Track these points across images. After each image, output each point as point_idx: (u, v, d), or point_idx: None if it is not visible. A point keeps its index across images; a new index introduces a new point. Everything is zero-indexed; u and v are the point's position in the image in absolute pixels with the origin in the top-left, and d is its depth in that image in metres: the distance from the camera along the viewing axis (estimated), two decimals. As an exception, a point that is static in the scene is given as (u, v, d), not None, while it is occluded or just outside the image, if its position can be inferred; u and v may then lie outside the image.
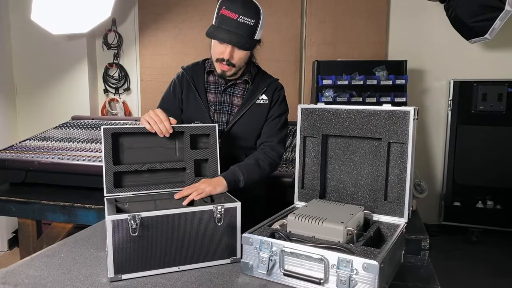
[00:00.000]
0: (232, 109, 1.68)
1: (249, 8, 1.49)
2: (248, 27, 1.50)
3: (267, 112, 1.68)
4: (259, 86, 1.69)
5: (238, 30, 1.49)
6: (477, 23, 3.36)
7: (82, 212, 2.20)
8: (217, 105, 1.68)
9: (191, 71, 1.73)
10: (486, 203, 3.89)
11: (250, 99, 1.67)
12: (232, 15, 1.48)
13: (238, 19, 1.48)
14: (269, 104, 1.68)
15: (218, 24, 1.52)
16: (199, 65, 1.76)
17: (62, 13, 3.54)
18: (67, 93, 4.27)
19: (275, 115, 1.69)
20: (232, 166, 1.54)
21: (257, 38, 1.56)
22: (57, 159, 2.46)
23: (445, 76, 4.01)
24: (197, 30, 4.24)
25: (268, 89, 1.70)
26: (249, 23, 1.49)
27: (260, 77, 1.73)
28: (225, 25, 1.49)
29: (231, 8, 1.48)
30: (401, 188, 1.34)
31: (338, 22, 4.07)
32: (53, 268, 1.23)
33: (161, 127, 1.41)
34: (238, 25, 1.48)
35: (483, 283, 3.04)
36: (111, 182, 1.35)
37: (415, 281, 1.26)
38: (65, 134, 2.99)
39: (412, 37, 4.04)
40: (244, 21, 1.48)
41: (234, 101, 1.69)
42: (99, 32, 4.33)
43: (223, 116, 1.68)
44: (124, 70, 4.40)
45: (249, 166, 1.56)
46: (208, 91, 1.70)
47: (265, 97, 1.69)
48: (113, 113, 4.40)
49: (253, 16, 1.50)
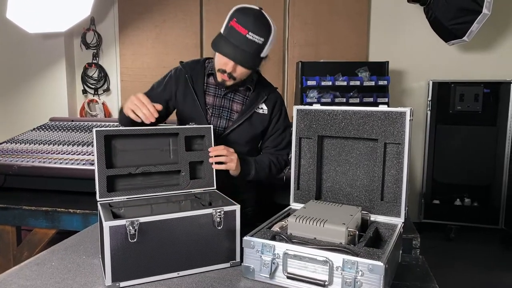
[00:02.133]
0: (231, 115, 1.65)
1: (260, 25, 1.43)
2: (256, 45, 1.43)
3: (267, 123, 1.67)
4: (260, 94, 1.66)
5: (245, 47, 1.43)
6: (455, 26, 3.46)
7: (66, 217, 2.13)
8: (215, 109, 1.64)
9: (190, 70, 1.66)
10: (463, 201, 4.01)
11: (251, 107, 1.64)
12: (241, 30, 1.41)
13: (247, 35, 1.41)
14: (269, 115, 1.67)
15: (226, 35, 1.45)
16: (199, 64, 1.69)
17: (39, 11, 3.43)
18: (44, 94, 4.14)
19: (281, 130, 1.69)
20: (250, 158, 1.62)
21: (263, 55, 1.49)
22: (38, 162, 2.38)
23: (424, 77, 4.11)
24: (178, 30, 4.19)
25: (269, 98, 1.67)
26: (257, 41, 1.43)
27: (261, 85, 1.69)
28: (232, 39, 1.43)
29: (242, 22, 1.42)
30: (398, 188, 1.35)
31: (321, 23, 4.11)
32: (45, 277, 1.18)
33: (144, 112, 1.36)
34: (246, 42, 1.42)
35: (463, 279, 3.12)
36: (104, 186, 1.31)
37: (413, 280, 1.27)
38: (44, 136, 2.90)
39: (392, 39, 4.12)
40: (253, 38, 1.42)
41: (234, 106, 1.65)
42: (77, 31, 4.22)
43: (221, 121, 1.64)
44: (103, 70, 4.30)
45: (262, 165, 1.64)
46: (207, 93, 1.65)
47: (265, 107, 1.66)
48: (92, 114, 4.29)
49: (263, 34, 1.43)
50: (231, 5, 1.49)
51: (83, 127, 3.08)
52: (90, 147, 2.61)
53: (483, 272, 3.24)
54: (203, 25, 4.22)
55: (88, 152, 2.53)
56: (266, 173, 1.65)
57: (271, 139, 1.71)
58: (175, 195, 1.40)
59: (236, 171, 1.52)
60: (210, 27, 4.16)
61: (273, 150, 1.72)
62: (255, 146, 1.76)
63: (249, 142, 1.68)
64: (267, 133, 1.71)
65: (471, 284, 3.06)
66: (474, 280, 3.12)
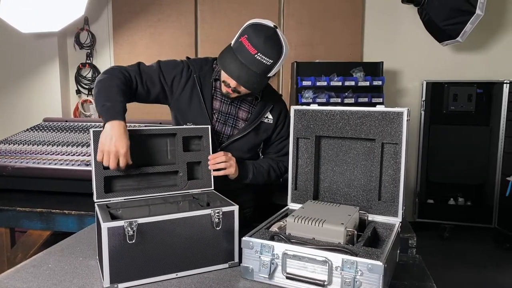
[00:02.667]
0: (237, 123, 1.62)
1: (271, 46, 1.37)
2: (263, 66, 1.38)
3: (271, 132, 1.67)
4: (267, 104, 1.63)
5: (252, 66, 1.37)
6: (449, 26, 3.49)
7: (61, 218, 2.11)
8: (221, 115, 1.60)
9: (198, 69, 1.58)
10: (457, 200, 4.04)
11: (258, 117, 1.62)
12: (251, 49, 1.35)
13: (256, 56, 1.35)
14: (274, 124, 1.66)
15: (235, 50, 1.40)
16: (207, 64, 1.61)
17: (32, 11, 3.40)
18: (37, 94, 4.10)
19: (284, 137, 1.68)
20: (247, 161, 1.61)
21: (271, 75, 1.45)
22: (32, 163, 2.35)
23: (418, 77, 4.13)
24: (173, 29, 4.17)
25: (275, 107, 1.65)
26: (266, 62, 1.37)
27: (267, 93, 1.65)
28: (240, 56, 1.38)
29: (252, 40, 1.36)
30: (395, 188, 1.36)
31: (315, 23, 4.11)
32: (42, 279, 1.17)
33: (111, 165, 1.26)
34: (254, 61, 1.36)
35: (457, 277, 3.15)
36: (101, 187, 1.30)
37: (410, 279, 1.27)
38: (38, 137, 2.87)
39: (387, 39, 4.13)
40: (261, 59, 1.36)
41: (240, 114, 1.62)
42: (71, 31, 4.19)
43: (227, 128, 1.61)
44: (97, 70, 4.26)
45: (260, 170, 1.63)
46: (214, 98, 1.59)
47: (270, 116, 1.65)
48: (86, 114, 4.26)
49: (273, 55, 1.37)
50: (226, 5, 1.48)
51: (77, 127, 3.06)
52: (85, 148, 2.59)
53: (476, 271, 3.27)
54: (198, 25, 4.20)
55: (83, 153, 2.51)
56: (264, 178, 1.64)
57: (273, 146, 1.71)
58: (173, 196, 1.39)
59: (234, 175, 1.52)
60: (205, 27, 4.15)
61: (274, 156, 1.72)
62: (256, 152, 1.76)
63: (251, 150, 1.67)
64: (271, 140, 1.70)
65: (465, 282, 3.08)
66: (468, 278, 3.14)
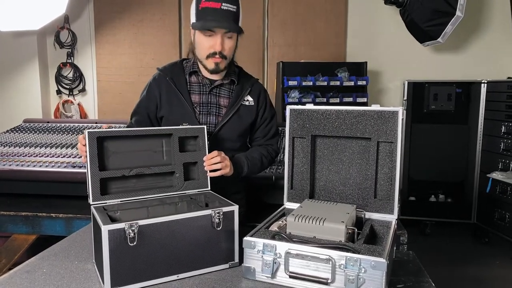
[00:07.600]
0: (220, 110, 1.65)
1: None
2: (232, 13, 1.51)
3: (255, 115, 1.70)
4: (244, 86, 1.69)
5: (224, 18, 1.49)
6: (430, 27, 3.57)
7: (48, 222, 2.05)
8: (203, 106, 1.64)
9: (170, 72, 1.67)
10: (438, 197, 4.13)
11: (237, 100, 1.66)
12: (215, 5, 1.48)
13: (222, 7, 1.48)
14: (255, 106, 1.70)
15: (202, 17, 1.51)
16: (177, 65, 1.71)
17: (11, 8, 3.29)
18: (17, 95, 3.98)
19: (268, 119, 1.73)
20: (240, 156, 1.62)
21: (240, 24, 1.56)
22: (15, 166, 2.29)
23: (399, 77, 4.21)
24: (156, 29, 4.12)
25: (253, 90, 1.70)
26: (232, 9, 1.51)
27: (243, 77, 1.73)
28: (210, 16, 1.49)
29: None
30: (391, 186, 1.39)
31: (299, 24, 4.14)
32: (38, 285, 1.14)
33: None
34: (223, 13, 1.49)
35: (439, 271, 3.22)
36: (97, 189, 1.27)
37: (406, 275, 1.30)
38: (19, 138, 2.78)
39: (369, 40, 4.20)
40: (228, 8, 1.49)
41: (221, 101, 1.66)
42: (51, 30, 4.07)
43: (211, 118, 1.64)
44: (78, 70, 4.17)
45: (254, 161, 1.65)
46: (191, 92, 1.65)
47: (250, 98, 1.69)
48: (67, 115, 4.16)
49: (234, 2, 1.52)
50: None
51: (59, 128, 2.99)
52: (70, 149, 2.54)
53: (457, 265, 3.36)
54: (181, 24, 4.17)
55: (67, 155, 2.45)
56: (258, 168, 1.69)
57: (260, 130, 1.74)
58: (170, 197, 1.38)
59: (230, 173, 1.52)
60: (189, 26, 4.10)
61: (263, 141, 1.75)
62: (245, 142, 1.78)
63: (240, 137, 1.69)
64: (256, 124, 1.73)
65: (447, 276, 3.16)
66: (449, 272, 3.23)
